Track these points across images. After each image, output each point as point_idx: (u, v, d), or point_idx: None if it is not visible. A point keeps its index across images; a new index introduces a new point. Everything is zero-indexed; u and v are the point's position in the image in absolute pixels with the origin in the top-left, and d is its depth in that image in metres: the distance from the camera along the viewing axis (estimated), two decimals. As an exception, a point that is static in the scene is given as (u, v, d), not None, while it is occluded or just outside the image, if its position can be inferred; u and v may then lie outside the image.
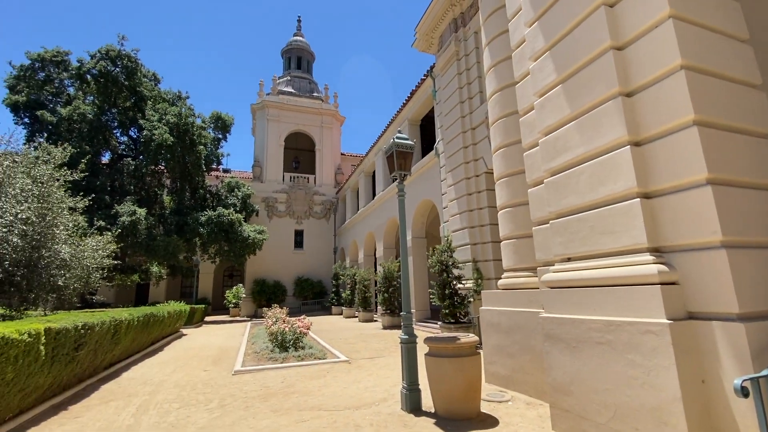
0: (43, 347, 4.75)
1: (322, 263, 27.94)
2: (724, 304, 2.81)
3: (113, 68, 19.02)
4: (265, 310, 14.48)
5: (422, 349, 4.92)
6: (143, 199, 20.02)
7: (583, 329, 3.51)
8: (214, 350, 10.29)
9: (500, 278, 6.43)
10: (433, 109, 14.82)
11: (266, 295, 24.88)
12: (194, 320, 17.41)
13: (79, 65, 19.12)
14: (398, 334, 11.32)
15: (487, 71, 7.05)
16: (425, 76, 14.16)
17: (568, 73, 3.96)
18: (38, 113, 18.26)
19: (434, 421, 4.29)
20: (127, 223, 16.47)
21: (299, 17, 33.82)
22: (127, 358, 8.78)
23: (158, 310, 10.82)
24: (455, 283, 9.47)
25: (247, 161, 77.62)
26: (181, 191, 20.91)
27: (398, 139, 5.42)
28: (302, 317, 9.86)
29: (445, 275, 9.51)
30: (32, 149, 9.52)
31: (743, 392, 2.24)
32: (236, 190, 22.85)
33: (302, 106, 29.46)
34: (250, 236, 20.88)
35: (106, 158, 20.96)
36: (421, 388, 4.80)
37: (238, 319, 22.68)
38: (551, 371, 3.82)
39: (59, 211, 8.39)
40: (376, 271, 19.41)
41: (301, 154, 31.54)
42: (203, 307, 19.48)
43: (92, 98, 19.72)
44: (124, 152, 21.46)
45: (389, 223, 18.62)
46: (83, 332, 5.87)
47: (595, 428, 3.34)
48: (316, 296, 26.79)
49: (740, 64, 3.36)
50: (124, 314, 7.86)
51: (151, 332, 10.02)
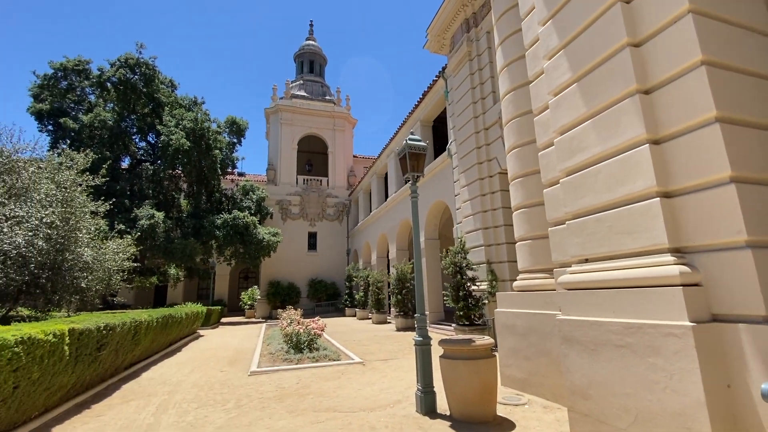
0: (67, 347, 4.89)
1: (335, 265, 28.08)
2: (750, 305, 2.71)
3: (132, 76, 19.57)
4: (279, 311, 14.64)
5: (436, 351, 4.89)
6: (161, 202, 20.49)
7: (601, 331, 3.44)
8: (230, 351, 10.45)
9: (515, 280, 6.36)
10: (445, 110, 14.76)
11: (281, 296, 25.15)
12: (211, 321, 17.70)
13: (99, 73, 19.73)
14: (412, 336, 11.28)
15: (500, 71, 6.99)
16: (437, 77, 14.12)
17: (583, 71, 3.90)
18: (61, 121, 18.91)
19: (450, 424, 4.26)
20: (146, 226, 16.88)
21: (311, 22, 34.22)
22: (146, 358, 8.97)
23: (176, 311, 11.03)
24: (469, 284, 9.40)
25: (261, 165, 78.75)
26: (197, 195, 21.34)
27: (411, 140, 5.42)
28: (316, 319, 9.92)
29: (458, 277, 9.45)
30: (56, 155, 9.86)
31: (772, 397, 2.16)
32: (251, 193, 23.19)
33: (315, 109, 29.73)
34: (264, 238, 21.15)
35: (125, 163, 21.57)
36: (435, 390, 4.78)
37: (253, 320, 22.98)
38: (569, 374, 3.75)
39: (82, 215, 8.66)
40: (389, 272, 19.39)
41: (314, 156, 31.82)
42: (219, 308, 19.79)
43: (112, 105, 20.33)
44: (142, 157, 22.02)
45: (402, 224, 18.60)
46: (105, 333, 6.03)
47: (615, 433, 3.26)
48: (329, 298, 26.93)
49: (763, 58, 3.26)
50: (143, 315, 8.05)
51: (169, 333, 10.23)
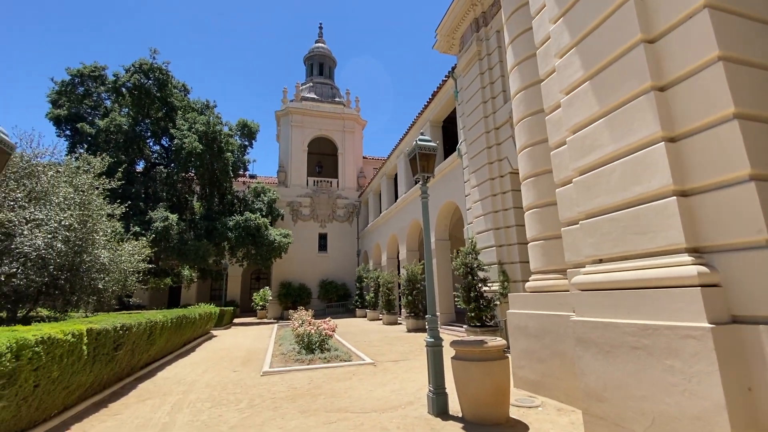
0: (85, 347, 5.00)
1: (345, 266, 28.17)
2: (772, 307, 2.64)
3: (146, 81, 19.97)
4: (291, 312, 14.73)
5: (448, 352, 4.87)
6: (175, 205, 20.83)
7: (617, 333, 3.38)
8: (242, 351, 10.56)
9: (527, 281, 6.30)
10: (455, 110, 14.70)
11: (292, 297, 25.32)
12: (223, 322, 17.92)
13: (114, 79, 20.17)
14: (423, 337, 11.21)
15: (510, 70, 6.94)
16: (446, 77, 14.08)
17: (596, 68, 3.85)
18: (78, 126, 19.37)
19: (462, 425, 4.23)
20: (160, 228, 17.17)
21: (320, 24, 34.51)
22: (161, 358, 9.12)
23: (190, 312, 11.20)
24: (480, 285, 9.34)
25: (272, 167, 79.47)
26: (210, 197, 21.64)
27: (421, 141, 5.42)
28: (327, 319, 9.96)
29: (470, 278, 9.39)
30: (74, 160, 10.12)
31: (796, 401, 2.10)
32: (262, 195, 23.42)
33: (324, 111, 29.90)
34: (275, 240, 21.33)
35: (140, 167, 21.98)
36: (447, 392, 4.76)
37: (265, 321, 23.18)
38: (584, 377, 3.70)
39: (99, 217, 8.86)
40: (399, 273, 19.38)
41: (324, 158, 32.00)
42: (232, 309, 20.02)
43: (127, 110, 20.75)
44: (156, 161, 22.43)
45: (412, 225, 18.57)
46: (122, 333, 6.15)
47: (631, 437, 3.20)
48: (340, 299, 27.03)
49: (784, 52, 3.17)
50: (158, 316, 8.19)
51: (183, 333, 10.38)
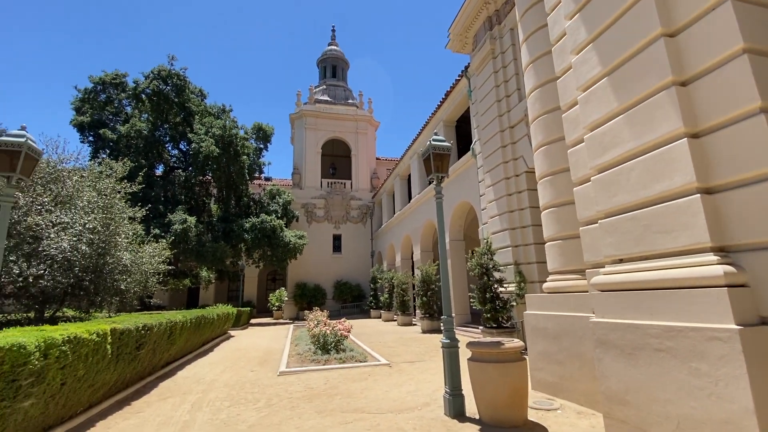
0: (109, 346, 5.15)
1: (359, 267, 28.26)
2: (804, 308, 2.54)
3: (165, 87, 20.47)
4: (306, 312, 14.87)
5: (463, 353, 4.83)
6: (193, 207, 21.28)
7: (639, 335, 3.30)
8: (260, 351, 10.69)
9: (545, 281, 6.20)
10: (468, 109, 14.59)
11: (307, 298, 25.55)
12: (241, 322, 18.19)
13: (135, 86, 20.74)
14: (438, 338, 11.13)
15: (525, 68, 6.86)
16: (460, 76, 14.00)
17: (614, 64, 3.77)
18: (101, 132, 19.99)
19: (479, 428, 4.19)
20: (179, 230, 17.56)
21: (333, 27, 34.54)
22: (181, 357, 9.32)
23: (208, 312, 11.41)
24: (496, 286, 9.24)
25: (287, 169, 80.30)
26: (226, 199, 22.03)
27: (435, 140, 5.40)
28: (342, 320, 10.01)
29: (485, 278, 9.29)
30: (96, 165, 10.44)
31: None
32: (277, 197, 23.71)
33: (338, 113, 30.10)
34: (291, 241, 21.57)
35: (159, 171, 22.53)
36: (464, 393, 4.72)
37: (281, 321, 23.45)
38: (604, 379, 3.62)
39: (120, 220, 9.12)
40: (413, 274, 19.34)
41: (337, 160, 32.19)
42: (248, 309, 20.32)
43: (147, 115, 21.31)
44: (175, 164, 22.95)
45: (426, 225, 18.51)
46: (143, 333, 6.31)
47: (655, 441, 3.12)
48: (354, 299, 27.13)
49: (815, 42, 3.04)
50: (178, 316, 8.37)
51: (202, 333, 10.58)
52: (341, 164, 32.21)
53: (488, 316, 9.10)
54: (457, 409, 4.60)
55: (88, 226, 8.09)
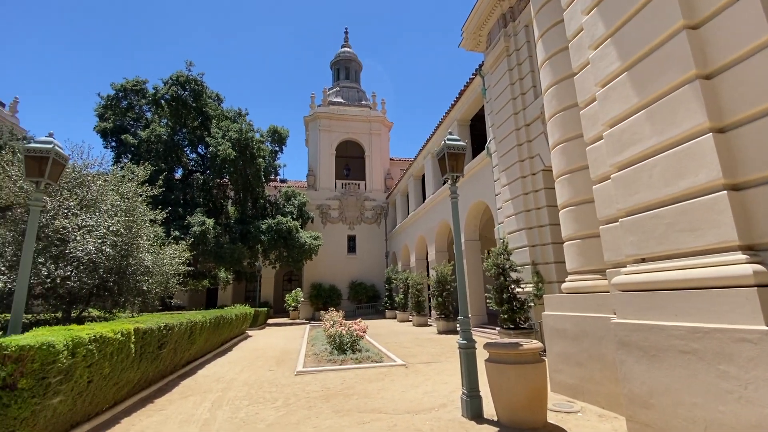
0: (133, 345, 5.29)
1: (374, 267, 28.31)
2: (841, 309, 2.42)
3: (183, 92, 20.94)
4: (322, 313, 14.98)
5: (481, 355, 4.79)
6: (211, 210, 21.71)
7: (663, 336, 3.21)
8: (277, 351, 10.82)
9: (563, 281, 6.09)
10: (482, 108, 14.47)
11: (322, 298, 25.74)
12: (258, 322, 18.45)
13: (154, 92, 21.30)
14: (453, 339, 11.05)
15: (541, 65, 6.76)
16: (474, 74, 13.89)
17: (634, 59, 3.68)
18: (122, 137, 20.60)
19: (498, 429, 4.14)
20: (198, 232, 17.94)
21: (346, 29, 34.89)
22: (201, 356, 9.51)
23: (227, 312, 11.61)
24: (513, 287, 9.12)
25: (301, 171, 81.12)
26: (243, 202, 22.39)
27: (449, 140, 5.36)
28: (358, 320, 10.04)
29: (502, 279, 9.19)
30: (119, 169, 10.75)
31: None
32: (292, 198, 23.97)
33: (351, 114, 30.26)
34: (306, 242, 21.77)
35: (178, 174, 23.06)
36: (481, 395, 4.67)
37: (297, 321, 23.69)
38: (627, 382, 3.53)
39: (142, 223, 9.37)
40: (428, 274, 19.25)
41: (351, 161, 32.34)
42: (265, 310, 20.59)
43: (166, 121, 21.85)
44: (193, 168, 23.45)
45: (440, 225, 18.41)
46: (165, 332, 6.46)
47: (681, 446, 3.02)
48: (369, 300, 27.20)
49: None
50: (198, 316, 8.54)
51: (221, 333, 10.78)
52: (355, 165, 32.34)
53: (505, 316, 8.99)
54: (474, 410, 4.56)
55: (111, 228, 8.34)
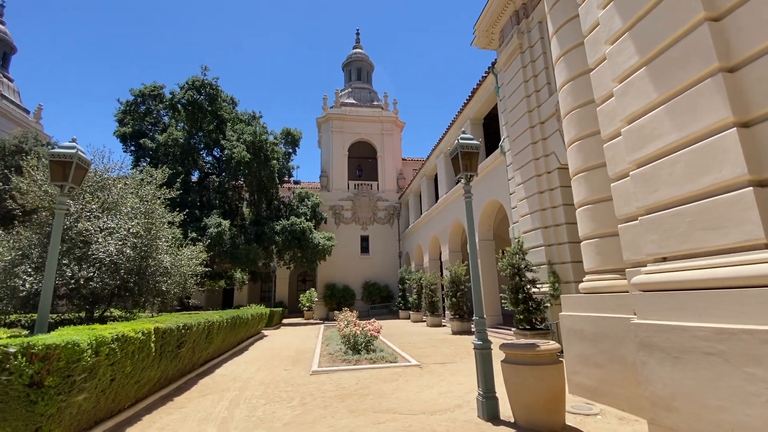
0: (153, 344, 5.42)
1: (387, 268, 28.31)
2: None
3: (198, 96, 21.34)
4: (336, 313, 15.04)
5: (496, 356, 4.74)
6: (226, 211, 22.07)
7: (686, 337, 3.12)
8: (292, 351, 10.93)
9: (580, 281, 5.98)
10: (496, 106, 14.32)
11: (336, 298, 25.88)
12: (273, 322, 18.67)
13: (171, 96, 21.74)
14: (468, 339, 10.97)
15: (555, 61, 6.66)
16: (486, 73, 13.76)
17: (653, 53, 3.59)
18: (141, 141, 21.11)
19: (515, 431, 4.10)
20: (214, 234, 18.26)
21: (357, 30, 34.90)
22: (218, 356, 9.67)
23: (243, 312, 11.77)
24: (529, 287, 8.99)
25: (314, 172, 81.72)
26: (258, 203, 22.69)
27: (463, 139, 5.33)
28: (372, 321, 10.06)
29: (517, 279, 9.07)
30: (138, 173, 11.03)
31: None
32: (306, 199, 24.17)
33: (363, 115, 30.34)
34: (320, 243, 21.93)
35: (195, 177, 23.49)
36: (497, 396, 4.62)
37: (311, 321, 23.87)
38: (649, 384, 3.44)
39: (161, 225, 9.58)
40: (441, 275, 19.15)
41: (363, 162, 32.41)
42: (280, 310, 20.82)
43: (182, 124, 22.29)
44: (209, 170, 23.87)
45: (454, 225, 18.29)
46: (184, 332, 6.59)
47: (707, 451, 2.93)
48: (383, 300, 27.22)
49: None
50: (215, 316, 8.69)
51: (238, 333, 10.94)
52: (367, 166, 32.40)
53: (521, 317, 8.88)
54: (491, 411, 4.51)
55: (131, 230, 8.55)
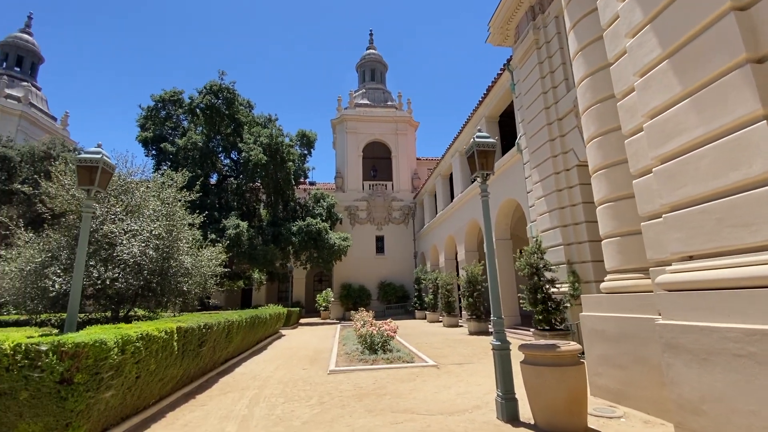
0: (175, 343, 5.56)
1: (403, 268, 28.29)
2: None
3: (216, 101, 21.80)
4: (352, 313, 15.14)
5: (515, 356, 4.68)
6: (244, 213, 22.46)
7: (715, 339, 3.01)
8: (309, 350, 11.03)
9: (601, 281, 5.85)
10: (511, 104, 14.13)
11: (352, 298, 26.00)
12: (290, 322, 18.89)
13: (190, 101, 22.29)
14: (485, 340, 10.87)
15: (573, 56, 6.53)
16: (501, 70, 13.61)
17: (676, 45, 3.48)
18: (162, 145, 21.69)
19: (535, 433, 4.04)
20: (232, 235, 18.61)
21: (371, 31, 35.02)
22: (238, 355, 9.84)
23: (261, 312, 11.95)
24: (548, 287, 8.83)
25: (329, 173, 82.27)
26: (275, 204, 23.02)
27: (479, 137, 5.27)
28: (388, 321, 10.06)
29: (536, 279, 8.92)
30: (159, 176, 11.31)
31: None
32: (321, 200, 24.37)
33: (377, 116, 30.40)
34: (335, 243, 22.08)
35: (213, 179, 23.99)
36: (517, 397, 4.56)
37: (328, 321, 24.05)
38: (675, 386, 3.34)
39: (181, 227, 9.81)
40: (458, 274, 19.01)
41: (378, 162, 32.46)
42: (298, 309, 21.06)
43: (201, 128, 22.80)
44: (227, 173, 24.35)
45: (470, 224, 18.13)
46: (205, 331, 6.74)
47: (738, 456, 2.82)
48: (399, 300, 27.20)
49: None
50: (234, 316, 8.85)
51: (256, 332, 11.11)
52: (382, 166, 32.44)
53: (540, 317, 8.73)
54: (510, 413, 4.46)
55: (154, 232, 8.79)
